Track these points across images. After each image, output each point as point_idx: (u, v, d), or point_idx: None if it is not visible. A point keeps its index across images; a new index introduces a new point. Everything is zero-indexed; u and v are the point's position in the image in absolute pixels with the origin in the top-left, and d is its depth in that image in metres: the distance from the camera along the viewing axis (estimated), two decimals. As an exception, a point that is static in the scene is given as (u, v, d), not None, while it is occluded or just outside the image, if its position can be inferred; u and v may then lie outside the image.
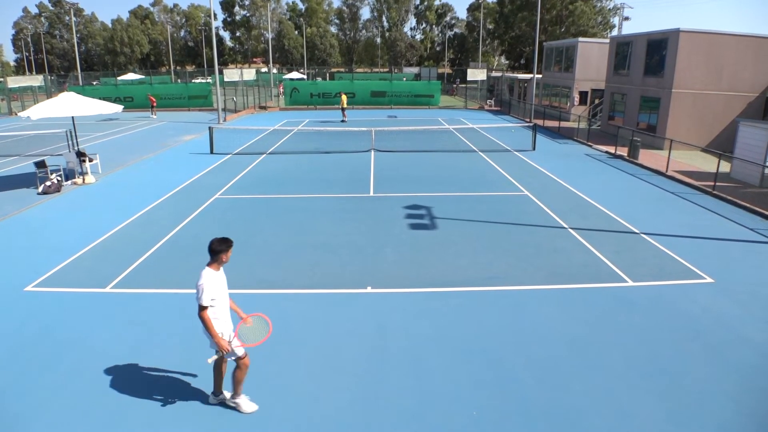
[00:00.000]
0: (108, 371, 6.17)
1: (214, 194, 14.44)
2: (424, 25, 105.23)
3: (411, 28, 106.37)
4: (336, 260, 9.64)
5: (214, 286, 5.03)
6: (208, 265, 5.10)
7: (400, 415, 5.43)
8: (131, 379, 6.02)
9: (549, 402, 5.62)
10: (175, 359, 6.42)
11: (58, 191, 14.79)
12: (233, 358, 5.26)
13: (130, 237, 10.94)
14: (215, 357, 5.23)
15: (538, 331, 7.11)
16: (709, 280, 8.81)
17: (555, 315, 7.56)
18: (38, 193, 14.55)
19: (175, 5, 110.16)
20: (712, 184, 15.06)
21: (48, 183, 14.72)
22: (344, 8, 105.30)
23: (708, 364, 6.34)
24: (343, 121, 31.89)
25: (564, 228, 11.52)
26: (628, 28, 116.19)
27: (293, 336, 7.00)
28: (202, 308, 4.95)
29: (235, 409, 5.47)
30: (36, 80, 46.20)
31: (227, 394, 5.55)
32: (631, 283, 8.67)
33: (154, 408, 5.52)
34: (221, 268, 5.17)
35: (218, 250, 5.06)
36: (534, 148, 21.89)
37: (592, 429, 5.21)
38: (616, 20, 71.01)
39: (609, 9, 73.01)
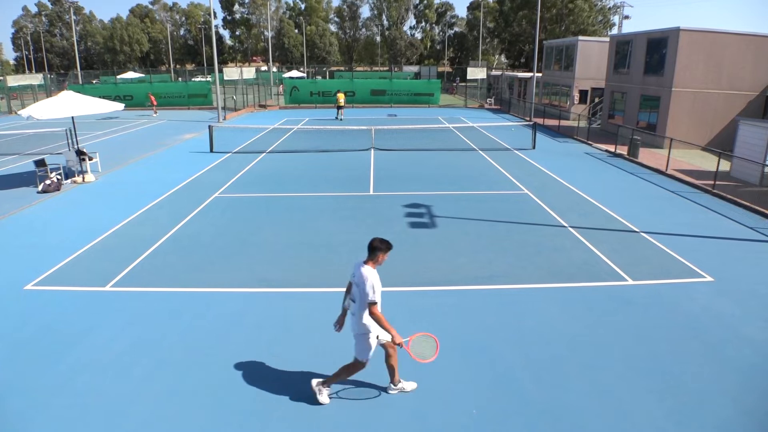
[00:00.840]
0: (108, 370, 6.17)
1: (213, 193, 14.43)
2: (423, 23, 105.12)
3: (411, 27, 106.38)
4: (336, 259, 9.63)
5: (379, 282, 5.11)
6: (366, 262, 5.18)
7: (400, 414, 5.43)
8: (131, 378, 6.01)
9: (549, 401, 5.62)
10: (175, 358, 6.42)
11: (58, 190, 14.78)
12: (363, 358, 5.40)
13: (130, 235, 10.93)
14: (387, 339, 5.28)
15: (538, 329, 7.11)
16: (708, 278, 8.81)
17: (555, 314, 7.56)
18: (38, 192, 14.54)
19: (175, 4, 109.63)
20: (712, 182, 15.06)
21: (48, 182, 14.71)
22: (344, 7, 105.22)
23: (707, 363, 6.34)
24: (340, 119, 31.91)
25: (564, 227, 11.51)
26: (628, 27, 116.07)
27: (293, 335, 7.00)
28: (372, 304, 5.01)
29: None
30: (36, 79, 46.27)
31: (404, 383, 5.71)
32: (630, 281, 8.66)
33: (154, 407, 5.53)
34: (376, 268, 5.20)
35: (379, 248, 5.16)
36: (534, 147, 21.88)
37: (592, 428, 5.21)
38: (616, 19, 71.05)
39: (609, 8, 73.02)
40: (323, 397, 5.55)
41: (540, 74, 38.46)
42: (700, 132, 22.20)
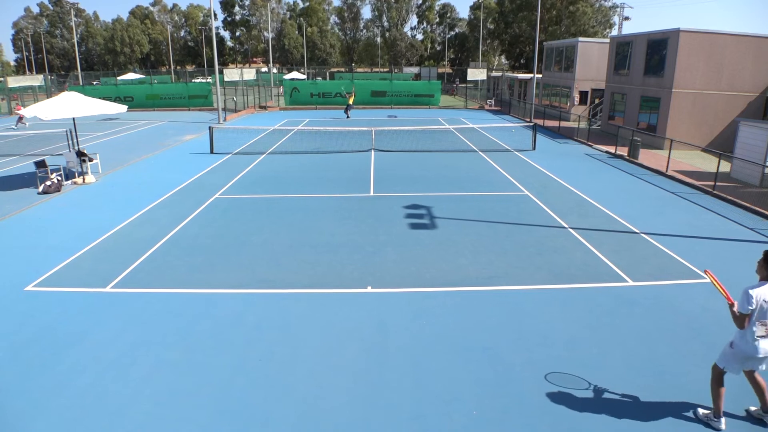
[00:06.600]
0: (108, 371, 6.17)
1: (214, 194, 14.44)
2: (424, 24, 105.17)
3: (411, 28, 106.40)
4: (336, 260, 9.64)
5: None
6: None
7: (400, 415, 5.43)
8: (131, 379, 6.02)
9: (549, 402, 5.62)
10: (175, 358, 6.42)
11: (59, 191, 14.79)
12: None
13: (130, 236, 10.94)
14: None
15: (538, 330, 7.11)
16: (708, 279, 8.79)
17: (555, 315, 7.57)
18: (38, 193, 14.55)
19: (175, 5, 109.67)
20: (712, 183, 15.06)
21: (48, 182, 14.72)
22: (344, 8, 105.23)
23: (708, 364, 6.31)
24: (347, 117, 33.42)
25: (564, 228, 11.52)
26: (628, 28, 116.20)
27: (293, 336, 7.00)
28: None
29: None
30: (36, 80, 46.31)
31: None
32: (631, 282, 8.67)
33: (154, 407, 5.53)
34: None
35: None
36: (534, 148, 21.89)
37: (592, 429, 5.22)
38: (616, 20, 71.09)
39: (609, 8, 73.00)
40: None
41: (540, 75, 38.48)
42: (700, 133, 22.21)
